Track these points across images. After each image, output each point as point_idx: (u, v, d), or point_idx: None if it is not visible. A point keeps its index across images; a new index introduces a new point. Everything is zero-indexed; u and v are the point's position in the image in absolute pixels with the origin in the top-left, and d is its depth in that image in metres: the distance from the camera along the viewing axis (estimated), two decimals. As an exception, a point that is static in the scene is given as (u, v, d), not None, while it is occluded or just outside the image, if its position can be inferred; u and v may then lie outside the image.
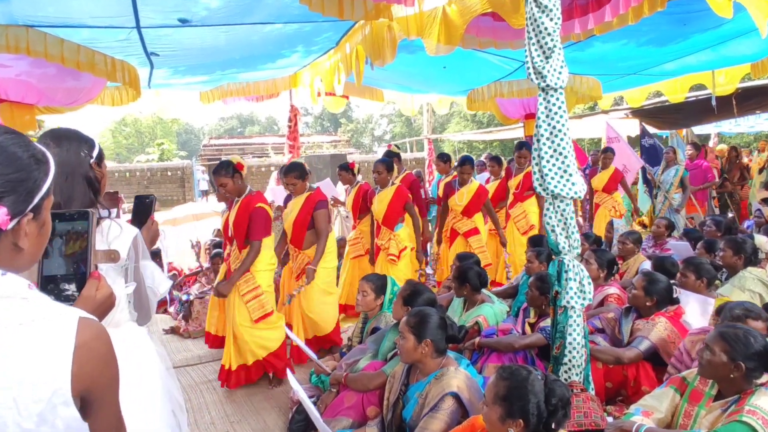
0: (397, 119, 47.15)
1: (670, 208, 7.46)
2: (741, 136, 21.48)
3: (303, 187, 4.37)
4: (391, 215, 5.05)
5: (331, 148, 25.60)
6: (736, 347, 2.18)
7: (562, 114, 2.57)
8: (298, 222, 4.33)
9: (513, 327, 3.43)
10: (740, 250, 3.91)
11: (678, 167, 7.54)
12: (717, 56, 6.14)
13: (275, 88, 6.50)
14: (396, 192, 5.06)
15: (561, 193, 2.53)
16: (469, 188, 5.54)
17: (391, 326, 3.14)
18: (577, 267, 2.58)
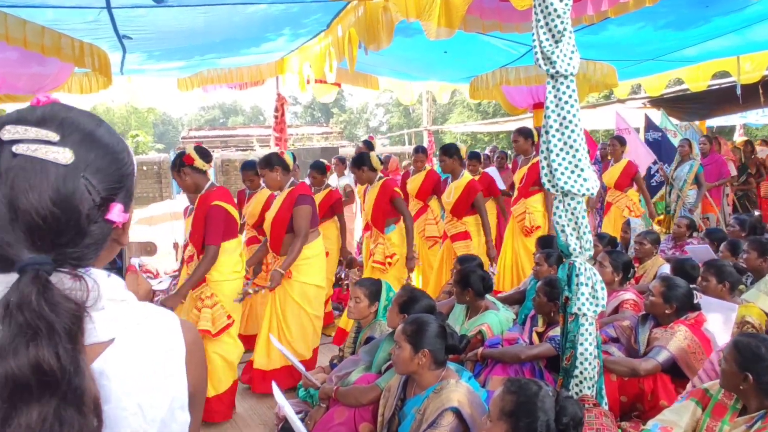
0: (395, 109, 47.15)
1: (684, 208, 7.43)
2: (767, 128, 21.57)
3: (282, 180, 4.18)
4: (378, 214, 4.90)
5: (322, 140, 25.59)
6: (745, 356, 2.23)
7: (573, 103, 2.58)
8: (278, 221, 4.11)
9: (519, 336, 3.44)
10: (765, 252, 3.92)
11: (693, 162, 7.49)
12: (742, 41, 6.16)
13: (260, 75, 6.48)
14: (381, 187, 4.91)
15: (572, 189, 2.53)
16: (459, 183, 5.41)
17: (386, 335, 3.14)
18: (589, 270, 2.58)
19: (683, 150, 7.58)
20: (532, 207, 5.69)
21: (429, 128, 13.11)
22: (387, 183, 4.92)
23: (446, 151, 5.41)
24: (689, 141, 7.66)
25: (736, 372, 2.23)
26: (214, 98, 44.22)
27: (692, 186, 7.48)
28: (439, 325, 2.53)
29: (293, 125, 28.81)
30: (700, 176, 7.47)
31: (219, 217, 3.60)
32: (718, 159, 8.11)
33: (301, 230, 4.03)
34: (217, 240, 3.59)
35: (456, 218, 5.43)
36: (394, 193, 4.87)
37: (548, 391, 1.98)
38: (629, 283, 4.09)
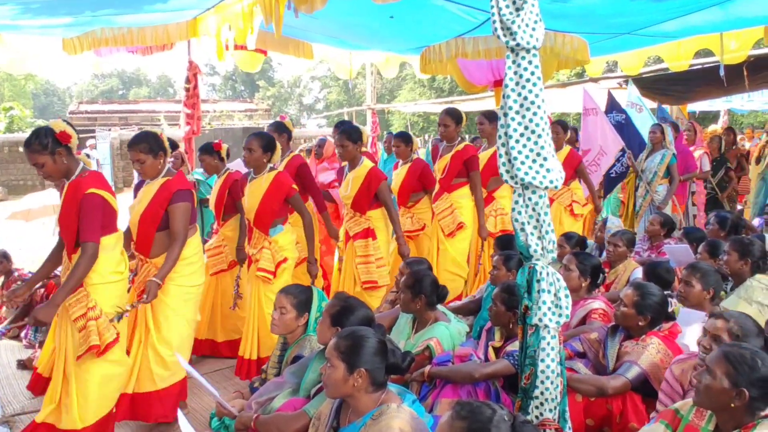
0: (333, 83, 47.09)
1: (652, 205, 7.49)
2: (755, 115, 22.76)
3: (155, 167, 4.03)
4: (266, 213, 4.73)
5: (245, 119, 25.28)
6: (741, 370, 2.30)
7: (536, 81, 2.63)
8: (146, 217, 3.98)
9: (473, 352, 3.50)
10: (747, 254, 4.13)
11: (665, 152, 7.50)
12: (726, 15, 6.44)
13: (168, 38, 6.31)
14: (274, 181, 4.71)
15: (533, 182, 2.59)
16: (358, 172, 5.34)
17: (316, 353, 3.14)
18: (551, 276, 2.65)
19: (654, 137, 7.60)
20: (457, 202, 5.82)
21: (373, 107, 13.17)
22: (281, 178, 4.74)
23: (349, 135, 5.33)
24: (662, 127, 7.66)
25: (726, 388, 2.30)
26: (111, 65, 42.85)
27: (663, 180, 7.53)
28: (378, 341, 2.55)
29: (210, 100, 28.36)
30: (673, 169, 7.52)
31: (96, 207, 3.49)
32: (683, 150, 8.12)
33: (179, 232, 3.93)
34: (95, 236, 3.48)
35: (358, 213, 5.39)
36: (291, 190, 4.76)
37: (504, 415, 2.03)
38: (598, 290, 4.23)
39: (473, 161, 5.85)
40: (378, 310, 4.67)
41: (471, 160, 5.85)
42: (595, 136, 7.80)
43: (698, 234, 5.66)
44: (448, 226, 5.77)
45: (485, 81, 7.07)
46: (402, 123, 34.75)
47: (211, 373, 5.05)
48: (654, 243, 6.08)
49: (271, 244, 4.71)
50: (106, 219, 3.57)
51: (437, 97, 30.50)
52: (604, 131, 7.82)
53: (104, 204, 3.54)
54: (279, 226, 4.80)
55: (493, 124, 5.97)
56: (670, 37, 7.62)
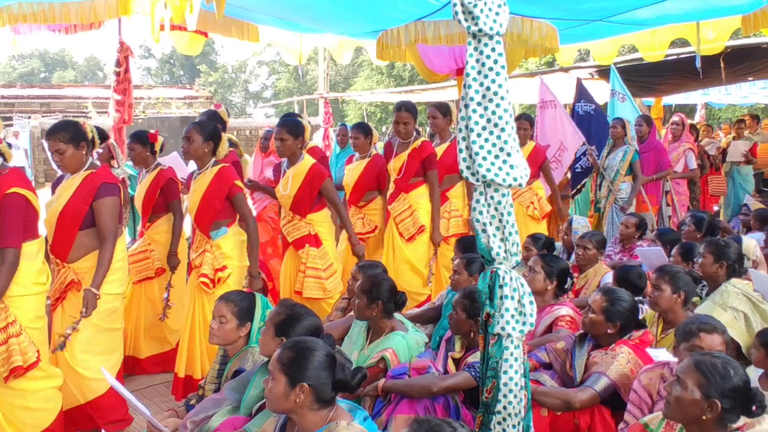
0: (283, 69, 46.80)
1: (615, 205, 7.56)
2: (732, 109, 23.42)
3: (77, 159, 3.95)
4: (206, 212, 4.63)
5: (184, 107, 24.94)
6: (713, 381, 2.38)
7: (500, 70, 2.65)
8: (66, 215, 3.90)
9: (431, 364, 3.52)
10: (722, 256, 4.25)
11: (627, 148, 7.56)
12: (702, 3, 6.63)
13: (95, 16, 6.18)
14: (216, 176, 4.59)
15: (495, 179, 2.61)
16: (298, 170, 5.19)
17: (259, 366, 3.12)
18: (515, 281, 2.68)
19: (615, 132, 7.63)
20: (416, 203, 5.83)
21: (326, 95, 13.15)
22: (224, 173, 4.61)
23: (290, 129, 5.20)
24: (623, 121, 7.67)
25: (698, 399, 2.37)
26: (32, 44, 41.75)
27: (626, 178, 7.57)
28: (326, 354, 2.54)
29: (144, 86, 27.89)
30: (636, 166, 7.55)
31: (17, 208, 3.42)
32: (657, 146, 8.14)
33: (108, 233, 3.88)
34: (16, 241, 3.41)
35: (298, 216, 5.25)
36: (234, 187, 4.62)
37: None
38: (566, 296, 4.30)
39: (431, 160, 5.87)
40: (328, 318, 4.66)
41: (429, 159, 5.86)
42: (554, 131, 7.87)
43: (672, 235, 5.79)
44: (408, 229, 5.78)
45: (447, 69, 7.11)
46: (358, 113, 34.72)
47: (142, 389, 4.99)
48: (626, 245, 6.20)
49: (212, 248, 4.62)
50: (29, 222, 3.49)
51: (396, 86, 30.55)
52: (564, 125, 7.88)
53: (27, 205, 3.47)
54: (223, 228, 4.68)
55: (446, 117, 6.01)
56: (645, 25, 7.79)
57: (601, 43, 8.93)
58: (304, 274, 5.14)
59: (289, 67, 42.53)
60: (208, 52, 50.00)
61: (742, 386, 2.40)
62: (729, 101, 19.10)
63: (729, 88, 14.35)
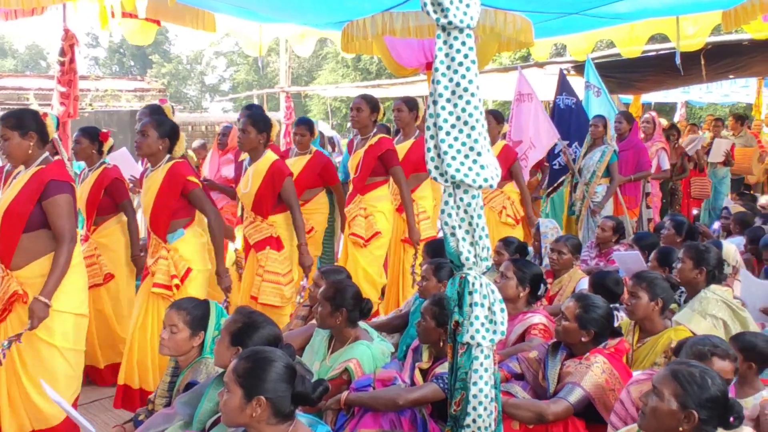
0: (242, 61, 46.48)
1: (589, 209, 7.54)
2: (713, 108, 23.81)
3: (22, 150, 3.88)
4: (161, 213, 4.56)
5: (135, 100, 24.59)
6: (691, 390, 2.43)
7: (470, 65, 2.66)
8: (10, 215, 3.82)
9: (398, 375, 3.53)
10: (702, 262, 4.33)
11: (605, 148, 7.54)
12: (683, -4, 6.76)
13: (37, 0, 6.10)
14: (169, 172, 4.53)
15: (465, 179, 2.62)
16: (258, 166, 5.21)
17: (213, 378, 3.10)
18: (485, 287, 2.69)
19: (595, 130, 7.61)
20: (372, 206, 5.82)
21: (287, 89, 13.10)
22: (177, 168, 4.54)
23: (255, 122, 5.21)
24: (605, 119, 7.70)
25: (675, 410, 2.42)
26: (-31, 31, 40.93)
27: (603, 180, 7.57)
28: (285, 365, 2.53)
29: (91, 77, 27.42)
30: (613, 168, 7.54)
31: None
32: (637, 144, 8.12)
33: (66, 232, 3.81)
34: None
35: (259, 217, 5.24)
36: (188, 183, 4.54)
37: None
38: (540, 303, 4.34)
39: (390, 156, 5.82)
40: (288, 327, 4.65)
41: (387, 155, 5.80)
42: (527, 126, 7.88)
43: (650, 240, 5.87)
44: (362, 234, 5.75)
45: (416, 63, 7.15)
46: (321, 108, 34.69)
47: (87, 404, 4.93)
48: (603, 250, 6.28)
49: (169, 253, 4.55)
50: None
51: (363, 80, 30.55)
52: (538, 121, 7.89)
53: None
54: (179, 230, 4.62)
55: (412, 112, 6.01)
56: (623, 19, 7.90)
57: (578, 38, 9.03)
58: (262, 278, 5.11)
59: (248, 58, 42.32)
60: (161, 42, 49.45)
61: (720, 396, 2.45)
62: (710, 100, 19.45)
63: (710, 86, 14.61)
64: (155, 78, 40.69)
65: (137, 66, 51.32)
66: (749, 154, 10.49)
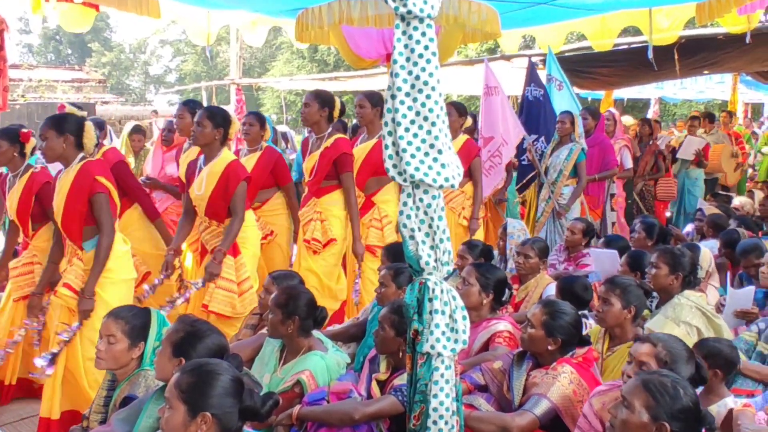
0: (189, 50, 46.14)
1: (554, 211, 7.54)
2: (688, 105, 24.31)
3: None
4: (71, 217, 4.51)
5: (72, 91, 24.26)
6: (662, 401, 2.47)
7: (430, 57, 2.67)
8: None
9: (353, 387, 3.53)
10: (678, 266, 4.39)
11: (573, 146, 7.51)
12: (655, -12, 6.88)
13: (-40, -17, 6.00)
14: (78, 174, 4.48)
15: (425, 179, 2.63)
16: (214, 167, 5.13)
17: (153, 392, 3.06)
18: (446, 293, 2.70)
19: (563, 127, 7.57)
20: (327, 210, 5.78)
21: (238, 81, 13.02)
22: (87, 168, 4.50)
23: (212, 115, 5.14)
24: (572, 116, 7.63)
25: (646, 422, 2.46)
26: None
27: (570, 180, 7.53)
28: (231, 378, 2.52)
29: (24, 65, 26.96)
30: (580, 167, 7.50)
31: None
32: (603, 141, 8.14)
33: None
34: None
35: (215, 222, 5.20)
36: (95, 184, 4.47)
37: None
38: (504, 310, 4.37)
39: (344, 160, 5.77)
40: (236, 336, 4.62)
41: (342, 159, 5.75)
42: (496, 121, 7.87)
43: (621, 243, 5.95)
44: (317, 239, 5.71)
45: (375, 54, 7.15)
46: (275, 102, 34.55)
47: (16, 422, 4.87)
48: (572, 253, 6.33)
49: (84, 263, 4.50)
50: None
51: (320, 72, 30.52)
52: (505, 116, 7.89)
53: None
54: (97, 237, 4.54)
55: (376, 108, 6.00)
56: (594, 10, 8.02)
57: (548, 30, 9.13)
58: (215, 284, 5.04)
59: (196, 48, 42.02)
60: (101, 29, 48.86)
61: (692, 407, 2.49)
62: (684, 96, 19.87)
63: (684, 82, 14.88)
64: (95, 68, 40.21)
65: (75, 54, 50.65)
66: (718, 151, 10.62)
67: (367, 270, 6.01)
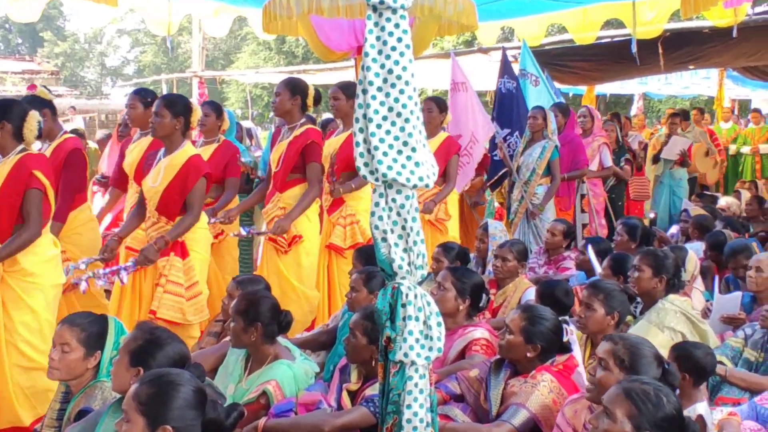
0: (149, 41, 45.85)
1: (527, 212, 7.50)
2: (673, 101, 24.55)
3: None
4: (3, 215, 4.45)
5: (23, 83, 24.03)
6: (645, 410, 2.49)
7: (404, 50, 2.67)
8: None
9: (323, 398, 3.52)
10: (662, 269, 4.43)
11: (546, 144, 7.47)
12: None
13: None
14: (15, 166, 4.44)
15: (398, 178, 2.63)
16: (174, 160, 5.04)
17: (110, 405, 3.05)
18: (421, 298, 2.71)
19: (534, 123, 7.52)
20: (291, 206, 5.66)
21: (201, 74, 12.97)
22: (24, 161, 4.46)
23: (171, 104, 5.06)
24: (544, 111, 7.60)
25: None
26: None
27: (544, 179, 7.49)
28: (193, 389, 2.51)
29: (-30, 56, 26.69)
30: (554, 165, 7.48)
31: None
32: (573, 139, 8.10)
33: None
34: None
35: (164, 218, 5.09)
36: (31, 179, 4.44)
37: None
38: (482, 315, 4.39)
39: (313, 150, 5.69)
40: (198, 345, 4.59)
41: (310, 148, 5.67)
42: (465, 119, 7.91)
43: (603, 245, 5.99)
44: (281, 239, 5.62)
45: (346, 46, 7.16)
46: (240, 96, 34.45)
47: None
48: (552, 256, 6.37)
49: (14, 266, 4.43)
50: None
51: (288, 65, 30.44)
52: (474, 113, 7.91)
53: None
54: None
55: (351, 100, 5.96)
56: (575, 1, 8.08)
57: (527, 22, 9.18)
58: (163, 288, 4.93)
59: (156, 38, 41.76)
60: (53, 17, 48.36)
61: (675, 415, 2.52)
62: (669, 92, 20.03)
63: (669, 77, 15.03)
64: (47, 58, 39.87)
65: (26, 44, 50.14)
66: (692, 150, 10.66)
67: (336, 273, 6.00)
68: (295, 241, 5.64)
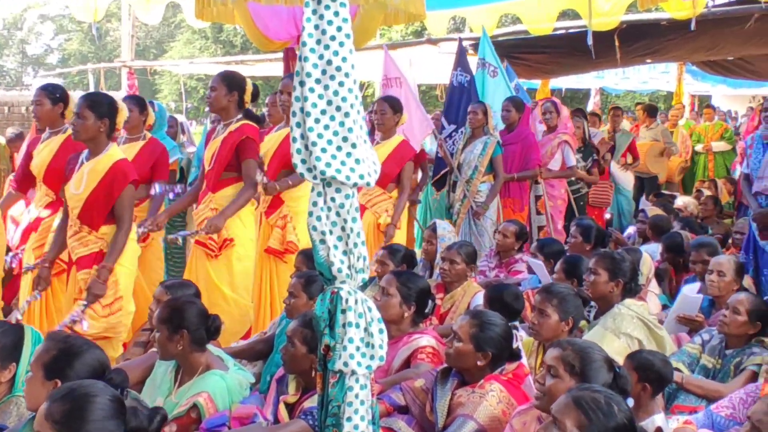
0: (74, 28, 45.17)
1: (470, 211, 7.52)
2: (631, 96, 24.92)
3: None
4: None
5: (-65, 73, 23.51)
6: (595, 419, 2.53)
7: (344, 40, 2.67)
8: None
9: (258, 411, 3.51)
10: (618, 273, 4.50)
11: (487, 139, 7.46)
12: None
13: None
14: None
15: (337, 176, 2.62)
16: (97, 164, 4.93)
17: (26, 421, 2.99)
18: (362, 304, 2.71)
19: (475, 119, 7.52)
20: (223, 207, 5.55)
21: (130, 64, 12.82)
22: None
23: (94, 104, 4.93)
24: (484, 106, 7.61)
25: None
26: None
27: (487, 176, 7.49)
28: (110, 398, 2.49)
29: None
30: (496, 162, 7.47)
31: None
32: (527, 137, 8.02)
33: None
34: None
35: (87, 227, 4.99)
36: None
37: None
38: (428, 322, 4.40)
39: (248, 145, 5.57)
40: (124, 357, 4.54)
41: (245, 144, 5.55)
42: None
43: (555, 247, 6.06)
44: (211, 241, 5.52)
45: (286, 35, 7.13)
46: (174, 88, 34.10)
47: None
48: (504, 259, 6.42)
49: None
50: None
51: (225, 54, 30.27)
52: (410, 109, 7.76)
53: None
54: None
55: None
56: (529, -9, 8.15)
57: (479, 11, 9.24)
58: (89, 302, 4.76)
59: (82, 25, 41.11)
60: (-31, 2, 47.52)
61: (627, 424, 2.56)
62: (627, 87, 20.37)
63: (627, 71, 15.26)
64: (-38, 46, 39.00)
65: (-62, 31, 49.01)
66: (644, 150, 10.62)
67: (276, 278, 5.95)
68: (226, 245, 5.51)
